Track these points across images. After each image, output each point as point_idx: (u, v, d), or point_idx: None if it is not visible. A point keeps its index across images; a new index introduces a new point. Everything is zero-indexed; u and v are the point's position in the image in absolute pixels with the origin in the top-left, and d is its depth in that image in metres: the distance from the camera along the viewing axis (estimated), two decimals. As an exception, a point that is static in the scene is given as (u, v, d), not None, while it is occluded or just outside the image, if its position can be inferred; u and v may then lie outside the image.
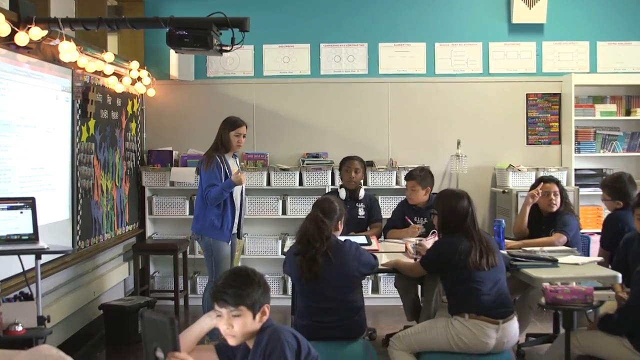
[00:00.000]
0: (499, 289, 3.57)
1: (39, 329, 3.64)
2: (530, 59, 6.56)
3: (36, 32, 4.02)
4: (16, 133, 4.15)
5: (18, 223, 3.64)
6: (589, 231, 5.61)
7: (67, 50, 4.39)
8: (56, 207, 4.65)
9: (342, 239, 3.73)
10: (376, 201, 5.45)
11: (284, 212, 6.34)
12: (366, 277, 5.27)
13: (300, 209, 6.25)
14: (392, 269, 4.08)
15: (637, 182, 4.74)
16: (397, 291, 4.89)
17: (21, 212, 3.66)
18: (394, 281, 5.00)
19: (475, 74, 6.55)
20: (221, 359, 2.50)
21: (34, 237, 3.66)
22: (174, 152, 6.45)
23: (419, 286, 4.79)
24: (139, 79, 6.16)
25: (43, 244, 3.65)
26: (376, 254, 4.00)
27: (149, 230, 6.51)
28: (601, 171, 6.30)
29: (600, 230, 4.68)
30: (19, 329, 3.54)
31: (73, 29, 4.50)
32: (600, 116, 6.34)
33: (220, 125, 4.97)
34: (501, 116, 6.54)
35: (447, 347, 3.53)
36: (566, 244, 4.50)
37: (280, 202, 6.33)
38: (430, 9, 6.55)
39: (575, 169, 6.29)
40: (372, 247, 4.44)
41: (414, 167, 5.45)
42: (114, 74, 5.49)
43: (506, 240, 4.56)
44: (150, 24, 4.82)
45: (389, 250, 4.53)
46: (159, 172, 6.37)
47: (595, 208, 6.23)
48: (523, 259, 4.03)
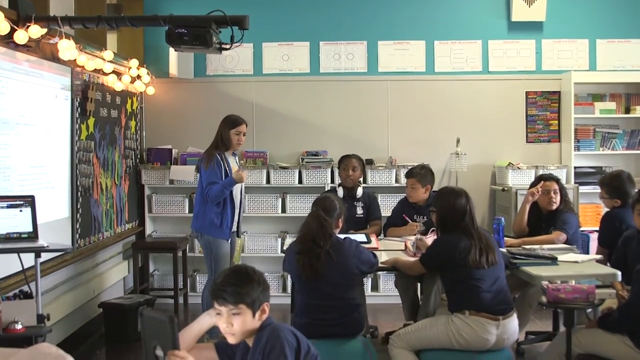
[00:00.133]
0: (498, 286, 3.58)
1: (39, 327, 3.64)
2: (529, 56, 6.55)
3: (35, 30, 4.01)
4: (15, 131, 4.14)
5: (17, 221, 3.64)
6: (588, 229, 5.62)
7: (67, 48, 4.38)
8: (56, 205, 4.65)
9: (342, 236, 3.74)
10: (375, 199, 5.43)
11: (283, 210, 6.34)
12: (366, 275, 5.27)
13: (299, 207, 6.25)
14: (392, 267, 4.09)
15: (636, 180, 4.74)
16: (398, 291, 4.89)
17: (21, 210, 3.66)
18: (395, 281, 5.00)
19: (475, 72, 6.55)
20: (221, 357, 2.50)
21: (33, 236, 3.66)
22: (173, 150, 6.45)
23: (418, 284, 4.79)
24: (139, 77, 6.16)
25: (42, 242, 3.65)
26: (376, 252, 4.00)
27: (149, 228, 6.50)
28: (600, 169, 6.30)
29: (598, 228, 4.68)
30: (19, 327, 3.54)
31: (72, 27, 4.50)
32: (600, 114, 6.34)
33: (221, 124, 4.97)
34: (501, 114, 6.54)
35: (448, 344, 3.54)
36: (566, 242, 4.51)
37: (279, 200, 6.33)
38: (430, 7, 6.55)
39: (575, 167, 6.29)
40: (372, 245, 4.44)
41: (413, 165, 5.44)
42: (113, 72, 5.48)
43: (506, 238, 4.57)
44: (149, 22, 4.81)
45: (388, 249, 4.53)
46: (158, 170, 6.37)
47: (594, 206, 6.23)
48: (523, 257, 4.03)
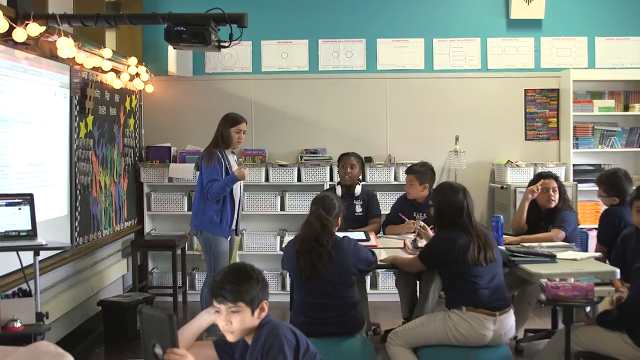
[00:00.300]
0: (496, 282, 3.59)
1: (38, 326, 3.63)
2: (528, 54, 6.55)
3: (34, 28, 4.00)
4: (14, 129, 4.14)
5: (16, 219, 3.63)
6: (587, 227, 5.62)
7: (65, 46, 4.37)
8: (54, 204, 4.65)
9: (341, 235, 3.74)
10: (374, 197, 5.42)
11: (282, 208, 6.35)
12: (365, 274, 5.26)
13: (298, 205, 6.25)
14: (391, 264, 4.09)
15: (634, 178, 4.74)
16: (398, 290, 4.88)
17: (19, 209, 3.65)
18: (395, 281, 5.00)
19: (474, 69, 6.55)
20: (220, 355, 2.50)
21: (32, 234, 3.66)
22: (172, 148, 6.45)
23: (417, 282, 4.79)
24: (137, 75, 6.15)
25: (41, 240, 3.65)
26: (374, 249, 4.00)
27: (148, 226, 6.50)
28: (599, 167, 6.31)
29: (597, 226, 4.68)
30: (18, 325, 3.53)
31: (71, 25, 4.49)
32: (599, 112, 6.34)
33: (220, 122, 4.97)
34: (499, 112, 6.54)
35: (445, 340, 3.55)
36: (564, 240, 4.51)
37: (278, 198, 6.33)
38: (429, 5, 6.55)
39: (574, 165, 6.30)
40: (371, 242, 4.44)
41: (412, 163, 5.43)
42: (112, 70, 5.48)
43: (504, 235, 4.57)
44: (148, 20, 4.80)
45: (387, 246, 4.53)
46: (157, 168, 6.37)
47: (593, 203, 6.23)
48: (521, 255, 4.03)
